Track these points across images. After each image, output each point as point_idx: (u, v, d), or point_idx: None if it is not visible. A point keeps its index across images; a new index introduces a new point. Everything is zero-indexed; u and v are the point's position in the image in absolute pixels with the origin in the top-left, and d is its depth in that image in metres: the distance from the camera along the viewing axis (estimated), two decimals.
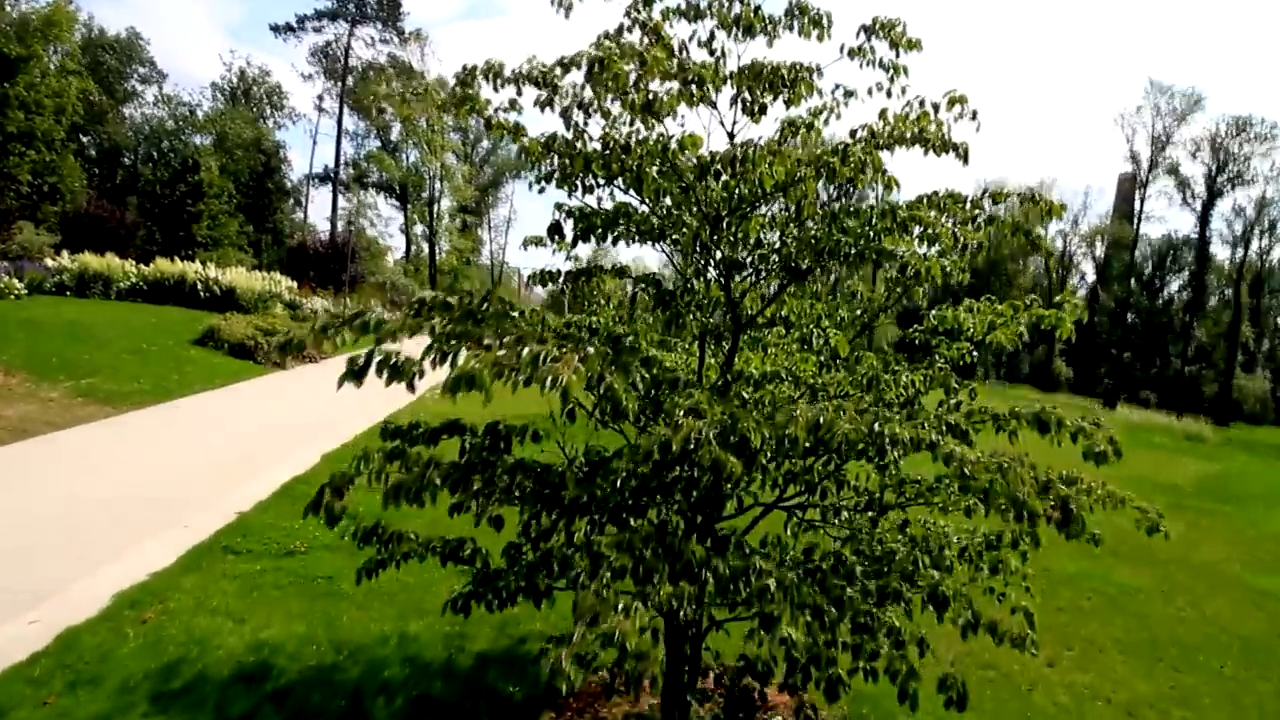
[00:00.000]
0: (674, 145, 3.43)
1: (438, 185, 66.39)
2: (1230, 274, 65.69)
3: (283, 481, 9.51)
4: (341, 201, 61.44)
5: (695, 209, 4.00)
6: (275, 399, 15.62)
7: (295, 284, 33.69)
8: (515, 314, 4.34)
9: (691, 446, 3.01)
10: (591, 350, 3.02)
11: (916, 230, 4.08)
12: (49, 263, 26.66)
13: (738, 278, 4.35)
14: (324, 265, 36.42)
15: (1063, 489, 3.13)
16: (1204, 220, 64.34)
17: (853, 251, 3.90)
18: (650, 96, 3.17)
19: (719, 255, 4.13)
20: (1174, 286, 78.53)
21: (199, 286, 27.84)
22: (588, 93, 3.59)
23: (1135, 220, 66.24)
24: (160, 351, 18.06)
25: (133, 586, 6.15)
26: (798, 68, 4.28)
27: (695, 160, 3.49)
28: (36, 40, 37.64)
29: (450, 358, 2.92)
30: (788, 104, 4.38)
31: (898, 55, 4.31)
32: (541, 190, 4.31)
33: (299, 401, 15.41)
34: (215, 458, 10.25)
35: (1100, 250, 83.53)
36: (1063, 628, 7.56)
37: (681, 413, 3.25)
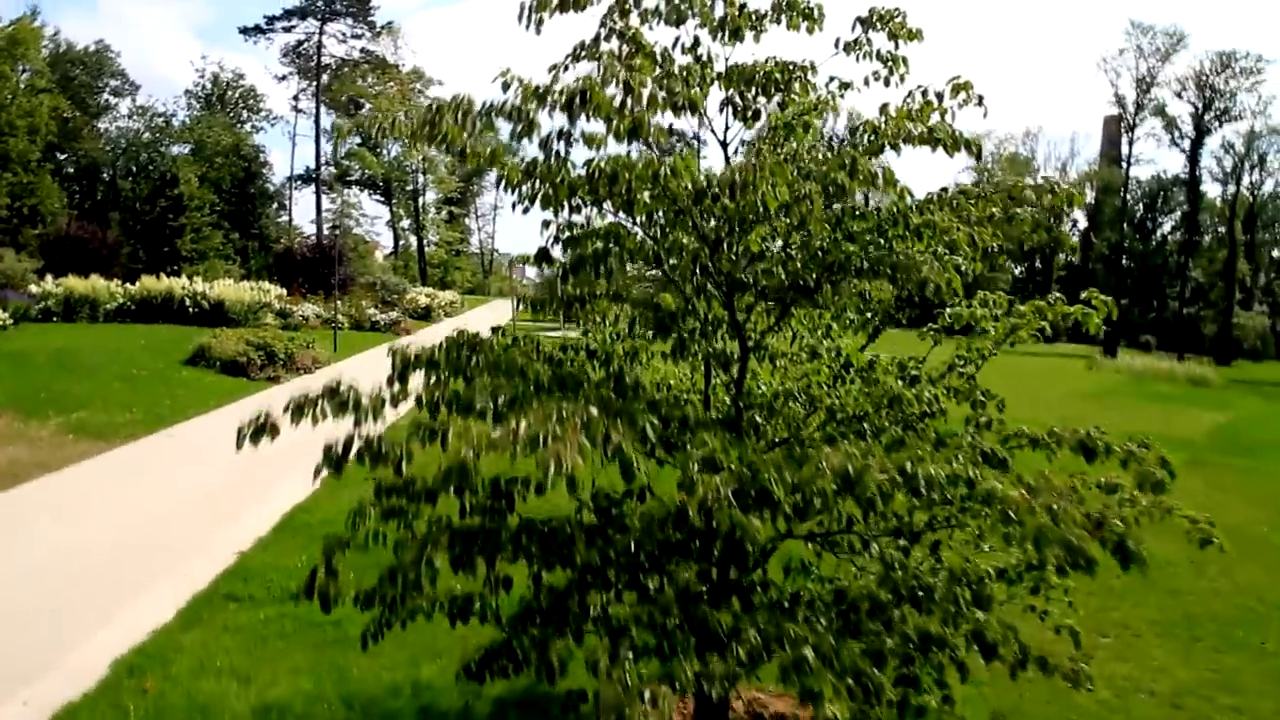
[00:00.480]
0: (666, 171, 3.13)
1: (421, 178, 65.84)
2: (1223, 211, 65.29)
3: (283, 512, 9.25)
4: (326, 201, 60.97)
5: (693, 231, 3.71)
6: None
7: (284, 291, 33.29)
8: (505, 353, 4.08)
9: (709, 508, 2.74)
10: (594, 412, 2.74)
11: (929, 234, 3.81)
12: (33, 289, 26.30)
13: (741, 297, 4.07)
14: (312, 269, 36.00)
15: (1118, 524, 2.86)
16: (1193, 159, 63.95)
17: (864, 265, 3.61)
18: (637, 122, 2.88)
19: (720, 277, 3.84)
20: (1166, 227, 78.23)
21: (187, 302, 27.51)
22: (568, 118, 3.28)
23: (1125, 164, 65.76)
24: (151, 375, 17.77)
25: (131, 650, 5.89)
26: (790, 68, 3.98)
27: (690, 185, 3.19)
28: (3, 60, 36.98)
29: (440, 437, 2.63)
30: (782, 106, 4.08)
31: (897, 47, 4.01)
32: (526, 210, 4.02)
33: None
34: (212, 490, 9.97)
35: (1090, 196, 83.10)
36: (1096, 612, 7.31)
37: (696, 467, 2.98)
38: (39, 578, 7.06)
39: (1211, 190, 67.39)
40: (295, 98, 63.90)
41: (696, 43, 3.76)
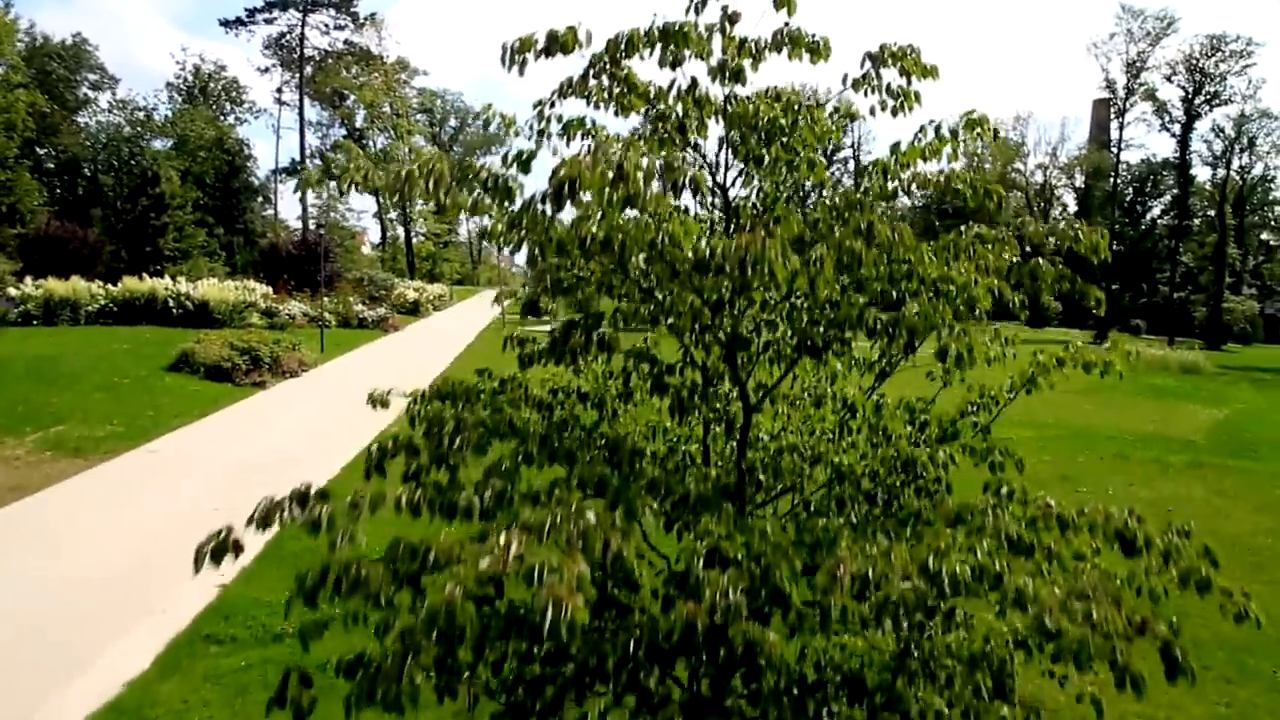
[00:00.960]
0: (664, 239, 2.86)
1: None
2: (1213, 195, 65.22)
3: (267, 539, 8.96)
4: (311, 195, 60.30)
5: (692, 289, 3.44)
6: (254, 430, 15.00)
7: (270, 289, 32.89)
8: (492, 406, 3.83)
9: (719, 620, 2.49)
10: (592, 519, 2.48)
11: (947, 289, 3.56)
12: (12, 292, 25.86)
13: (744, 354, 3.82)
14: (298, 266, 35.54)
15: (1162, 628, 2.63)
16: (1184, 143, 63.77)
17: (877, 326, 3.35)
18: (633, 194, 2.61)
19: (722, 335, 3.58)
20: (1156, 211, 78.24)
21: (170, 303, 27.12)
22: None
23: (1116, 150, 65.62)
24: (133, 384, 17.42)
25: (105, 706, 5.63)
26: (795, 109, 3.71)
27: (691, 254, 2.92)
28: None
29: (421, 559, 2.38)
30: (786, 148, 3.81)
31: (909, 83, 3.74)
32: (513, 254, 3.75)
33: (279, 429, 14.81)
34: (193, 512, 9.66)
35: (1080, 180, 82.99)
36: None
37: (701, 564, 2.74)
38: (10, 618, 6.78)
39: (1201, 174, 67.37)
40: (278, 90, 63.13)
41: (694, 84, 3.48)
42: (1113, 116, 65.94)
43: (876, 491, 3.84)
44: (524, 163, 2.93)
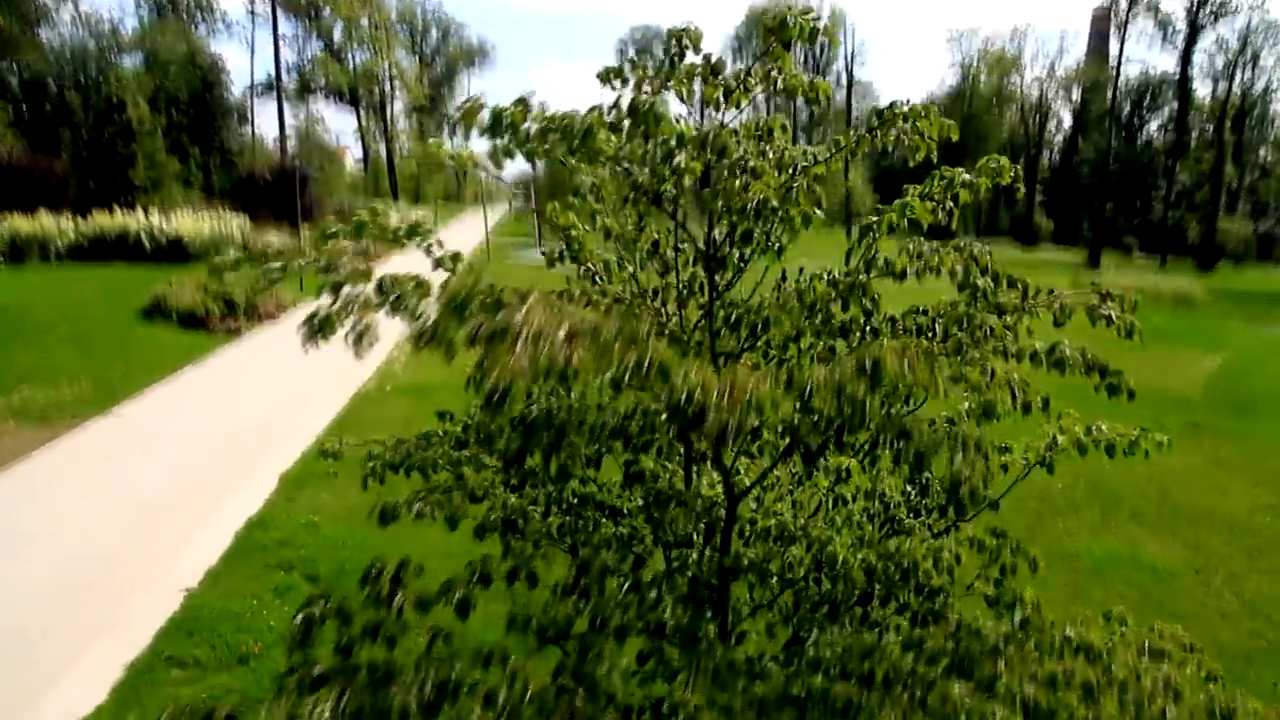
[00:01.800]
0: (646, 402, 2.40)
1: (389, 85, 63.06)
2: (1213, 110, 63.82)
3: (236, 529, 8.63)
4: (289, 114, 58.45)
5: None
6: (228, 386, 14.53)
7: (248, 220, 31.96)
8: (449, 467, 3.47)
9: None
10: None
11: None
12: None
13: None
14: (276, 195, 34.44)
15: None
16: (1185, 58, 62.11)
17: (882, 439, 2.91)
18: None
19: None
20: (1153, 126, 76.75)
21: (144, 238, 26.30)
22: None
23: (1116, 67, 63.87)
24: (103, 335, 16.86)
25: None
26: (793, 172, 3.19)
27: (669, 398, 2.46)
28: None
29: None
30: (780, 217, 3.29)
31: (923, 137, 3.22)
32: None
33: (254, 386, 14.33)
34: (157, 497, 9.27)
35: (1077, 95, 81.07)
36: None
37: None
38: None
39: (1201, 89, 65.78)
40: (251, 0, 60.35)
41: (670, 154, 2.95)
42: (1114, 29, 63.95)
43: (874, 588, 3.49)
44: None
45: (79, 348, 15.78)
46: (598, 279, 3.57)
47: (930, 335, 3.41)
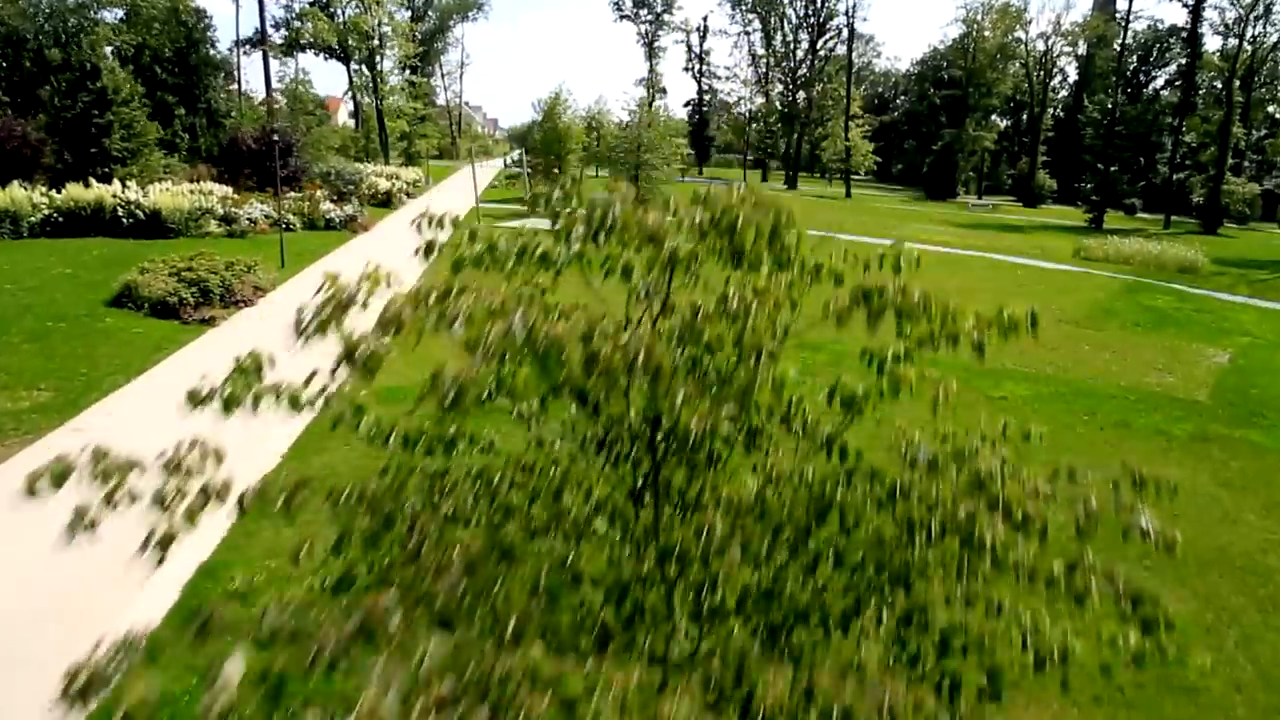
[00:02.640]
0: None
1: (379, 39, 61.34)
2: (1222, 68, 62.17)
3: (185, 580, 8.09)
4: (275, 67, 56.99)
5: None
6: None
7: (230, 189, 31.04)
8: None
9: None
10: None
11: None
12: None
13: None
14: (261, 161, 33.39)
15: None
16: (1196, 11, 60.45)
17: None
18: None
19: None
20: (1159, 82, 75.03)
21: (120, 212, 25.44)
22: None
23: (1124, 23, 62.03)
24: (69, 328, 16.20)
25: None
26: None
27: None
28: None
29: None
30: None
31: None
32: None
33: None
34: (102, 537, 8.70)
35: (1083, 48, 79.11)
36: None
37: None
38: None
39: (1210, 44, 64.15)
40: None
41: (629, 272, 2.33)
42: None
43: None
44: None
45: (41, 345, 15.13)
46: None
47: (915, 540, 2.82)
